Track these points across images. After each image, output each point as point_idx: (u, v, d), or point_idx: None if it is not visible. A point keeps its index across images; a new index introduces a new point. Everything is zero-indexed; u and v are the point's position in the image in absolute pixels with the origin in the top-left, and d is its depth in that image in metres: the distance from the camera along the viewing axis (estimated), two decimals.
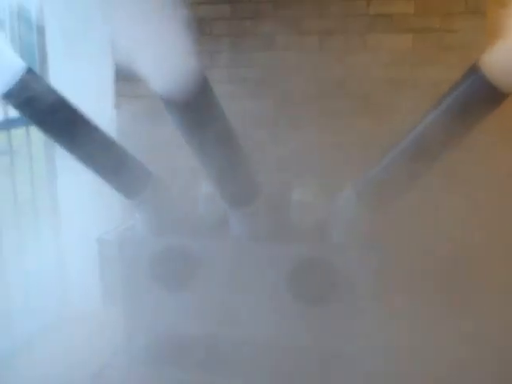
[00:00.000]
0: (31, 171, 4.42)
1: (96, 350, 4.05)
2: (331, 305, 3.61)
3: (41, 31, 4.47)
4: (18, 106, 3.21)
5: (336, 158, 4.00)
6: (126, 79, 4.32)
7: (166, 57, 2.71)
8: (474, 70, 2.82)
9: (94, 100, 4.27)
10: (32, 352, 4.14)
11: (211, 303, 3.80)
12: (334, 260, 3.55)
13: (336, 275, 3.56)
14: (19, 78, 3.05)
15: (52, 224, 4.58)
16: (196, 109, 3.00)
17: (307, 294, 3.66)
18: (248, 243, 3.72)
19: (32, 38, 4.50)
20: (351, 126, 4.04)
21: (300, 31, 4.20)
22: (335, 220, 3.64)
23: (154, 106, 4.15)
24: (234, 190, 3.60)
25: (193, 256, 3.78)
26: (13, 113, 4.02)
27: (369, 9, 4.10)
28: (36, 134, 4.32)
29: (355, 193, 3.48)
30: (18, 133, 4.32)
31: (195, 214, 3.94)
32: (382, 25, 4.08)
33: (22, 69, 3.05)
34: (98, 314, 4.26)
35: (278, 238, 3.73)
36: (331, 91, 4.12)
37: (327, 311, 3.64)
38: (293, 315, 3.70)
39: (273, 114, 4.23)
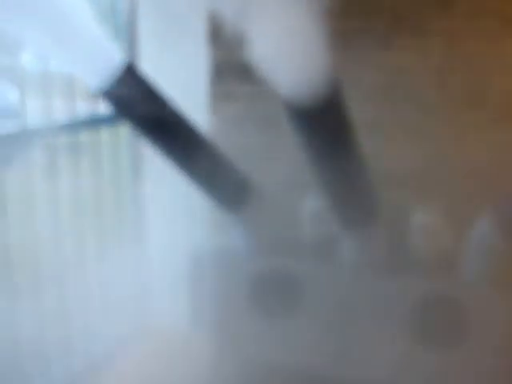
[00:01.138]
0: (117, 174, 4.06)
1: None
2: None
3: (132, 25, 4.13)
4: (116, 104, 2.90)
5: (469, 177, 3.48)
6: (224, 81, 3.92)
7: (298, 51, 2.30)
8: None
9: (187, 103, 3.94)
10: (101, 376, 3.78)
11: (314, 336, 3.38)
12: (464, 302, 3.06)
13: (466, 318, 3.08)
14: (120, 74, 2.74)
15: (136, 236, 4.22)
16: (324, 117, 2.59)
17: (428, 335, 3.19)
18: (358, 272, 3.28)
19: (122, 33, 4.18)
20: (488, 141, 3.52)
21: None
22: (468, 254, 3.15)
23: (255, 111, 3.85)
24: (350, 209, 3.18)
25: (297, 281, 3.36)
26: (100, 110, 3.72)
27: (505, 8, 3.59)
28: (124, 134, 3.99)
29: (496, 222, 2.99)
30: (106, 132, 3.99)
31: (300, 232, 3.51)
32: None
33: (123, 62, 2.73)
34: (185, 338, 3.87)
35: (396, 269, 3.26)
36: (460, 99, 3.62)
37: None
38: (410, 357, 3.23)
39: (390, 122, 3.74)
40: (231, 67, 3.77)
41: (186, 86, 4.03)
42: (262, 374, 3.52)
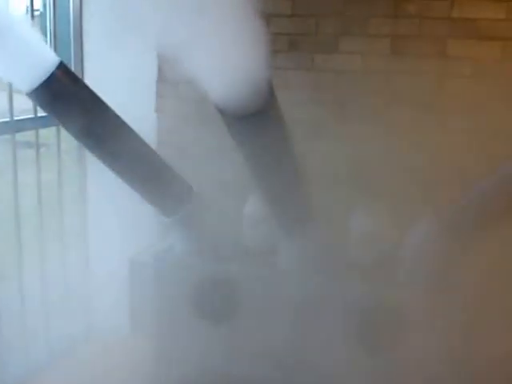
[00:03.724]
0: (59, 176, 3.96)
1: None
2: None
3: (77, 25, 4.04)
4: (47, 103, 2.80)
5: (407, 178, 3.44)
6: (169, 80, 3.85)
7: (230, 59, 2.23)
8: None
9: (134, 102, 3.86)
10: (48, 380, 3.70)
11: (252, 341, 3.33)
12: (400, 307, 3.03)
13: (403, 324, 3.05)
14: (50, 73, 2.63)
15: (79, 238, 4.14)
16: (260, 123, 2.52)
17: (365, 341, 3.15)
18: (297, 277, 3.23)
19: (67, 32, 4.09)
20: (424, 142, 3.48)
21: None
22: (408, 258, 3.12)
23: (200, 111, 3.78)
24: (287, 213, 3.13)
25: (237, 284, 3.31)
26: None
27: (452, 11, 3.56)
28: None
29: (438, 223, 2.95)
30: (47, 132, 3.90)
31: (241, 236, 3.45)
32: (466, 30, 3.54)
33: (54, 63, 2.63)
34: (126, 342, 3.80)
35: (333, 274, 3.22)
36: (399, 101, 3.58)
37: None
38: (344, 361, 3.20)
39: (332, 125, 3.69)
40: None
41: (132, 84, 3.97)
42: (201, 376, 3.47)
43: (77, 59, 4.02)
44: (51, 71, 2.64)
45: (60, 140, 3.88)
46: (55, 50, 3.67)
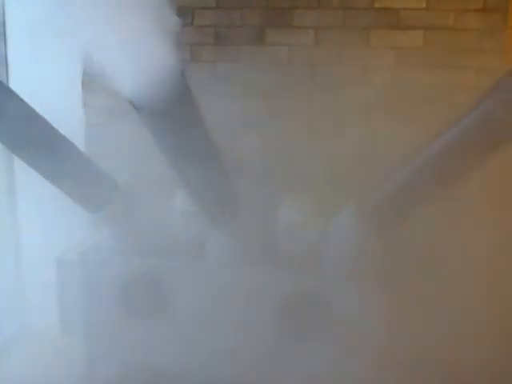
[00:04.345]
0: None
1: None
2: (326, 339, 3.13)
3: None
4: None
5: (332, 169, 3.47)
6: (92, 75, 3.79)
7: (136, 54, 2.21)
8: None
9: (61, 98, 3.80)
10: None
11: (185, 335, 3.31)
12: (325, 295, 3.05)
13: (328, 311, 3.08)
14: None
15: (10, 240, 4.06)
16: (173, 117, 2.51)
17: (293, 330, 3.17)
18: (226, 270, 3.22)
19: None
20: (349, 134, 3.51)
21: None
22: (330, 247, 3.15)
23: (127, 105, 3.73)
24: (213, 207, 3.12)
25: (165, 281, 3.28)
26: None
27: (374, 2, 3.59)
28: None
29: (357, 212, 2.99)
30: None
31: (169, 231, 3.42)
32: (389, 20, 3.57)
33: None
34: (57, 342, 3.75)
35: (261, 265, 3.21)
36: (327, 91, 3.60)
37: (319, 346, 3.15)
38: (275, 351, 3.21)
39: (260, 117, 3.69)
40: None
41: (60, 79, 3.90)
42: (134, 374, 3.44)
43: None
44: None
45: None
46: None
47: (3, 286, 4.00)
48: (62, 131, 2.97)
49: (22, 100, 2.81)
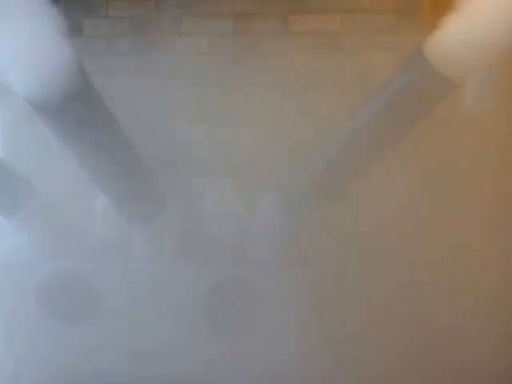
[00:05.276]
0: None
1: None
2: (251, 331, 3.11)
3: None
4: None
5: (254, 156, 3.41)
6: None
7: (27, 51, 2.13)
8: (417, 56, 2.38)
9: None
10: None
11: (111, 337, 3.23)
12: (253, 284, 3.02)
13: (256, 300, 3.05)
14: None
15: None
16: (71, 114, 2.41)
17: (223, 320, 3.13)
18: (152, 266, 3.15)
19: None
20: (273, 122, 3.46)
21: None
22: (256, 234, 3.11)
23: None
24: (132, 203, 3.03)
25: (89, 282, 3.19)
26: None
27: None
28: None
29: (280, 198, 2.96)
30: None
31: (90, 232, 3.32)
32: (306, 4, 3.54)
33: None
34: None
35: (188, 257, 3.16)
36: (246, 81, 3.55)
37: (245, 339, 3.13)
38: (207, 346, 3.17)
39: (182, 108, 3.60)
40: None
41: None
42: (55, 376, 3.33)
43: None
44: None
45: None
46: None
47: None
48: None
49: None
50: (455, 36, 2.16)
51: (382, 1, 3.45)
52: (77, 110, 2.39)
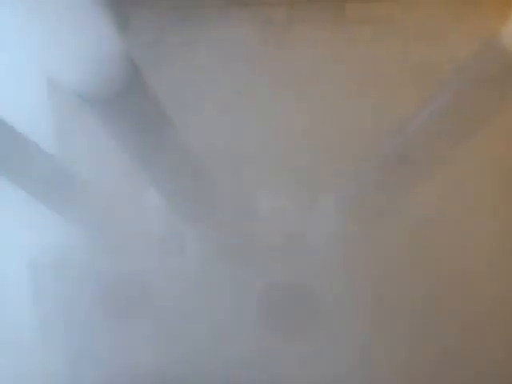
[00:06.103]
0: None
1: None
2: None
3: None
4: None
5: (312, 154, 3.28)
6: None
7: (78, 46, 2.07)
8: (493, 44, 2.25)
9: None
10: None
11: (165, 335, 3.19)
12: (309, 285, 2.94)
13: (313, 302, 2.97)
14: None
15: None
16: (123, 108, 2.35)
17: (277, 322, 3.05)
18: (207, 265, 3.08)
19: None
20: (334, 117, 3.31)
21: None
22: (311, 236, 3.01)
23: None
24: (186, 202, 2.96)
25: (144, 280, 3.14)
26: None
27: None
28: None
29: (336, 202, 2.86)
30: None
31: (144, 230, 3.25)
32: None
33: None
34: (35, 348, 3.56)
35: (242, 258, 3.08)
36: None
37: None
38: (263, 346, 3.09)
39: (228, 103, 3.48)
40: None
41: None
42: (113, 374, 3.30)
43: None
44: None
45: None
46: None
47: None
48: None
49: None
50: None
51: None
52: (128, 104, 2.33)
